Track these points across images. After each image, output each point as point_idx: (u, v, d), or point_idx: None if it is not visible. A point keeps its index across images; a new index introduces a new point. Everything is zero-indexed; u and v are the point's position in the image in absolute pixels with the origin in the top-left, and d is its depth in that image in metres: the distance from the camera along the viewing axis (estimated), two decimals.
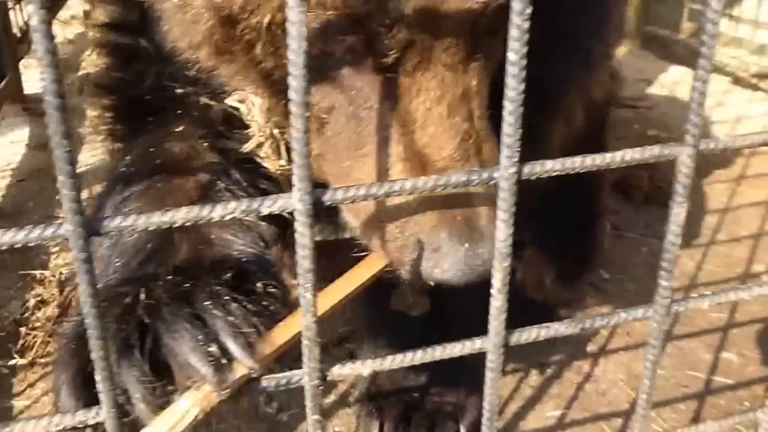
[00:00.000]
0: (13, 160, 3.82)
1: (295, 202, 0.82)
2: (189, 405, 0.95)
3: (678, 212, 0.98)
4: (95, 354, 0.76)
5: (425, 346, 1.02)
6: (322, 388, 0.95)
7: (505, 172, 0.89)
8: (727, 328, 2.64)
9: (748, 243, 3.17)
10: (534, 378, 2.44)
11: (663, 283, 1.04)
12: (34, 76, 4.73)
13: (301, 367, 0.93)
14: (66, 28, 5.97)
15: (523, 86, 0.84)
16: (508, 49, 0.82)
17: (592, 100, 2.14)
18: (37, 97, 4.43)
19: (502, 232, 0.92)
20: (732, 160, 3.83)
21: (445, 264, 1.27)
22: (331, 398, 2.32)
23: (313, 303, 0.88)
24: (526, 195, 2.21)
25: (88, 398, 1.17)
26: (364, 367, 0.99)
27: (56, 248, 2.91)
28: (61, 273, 2.71)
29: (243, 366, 1.09)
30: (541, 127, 1.96)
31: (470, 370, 2.17)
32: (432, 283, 1.32)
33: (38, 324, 2.54)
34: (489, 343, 1.00)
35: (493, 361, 1.01)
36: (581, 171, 0.95)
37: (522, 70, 0.82)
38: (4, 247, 0.73)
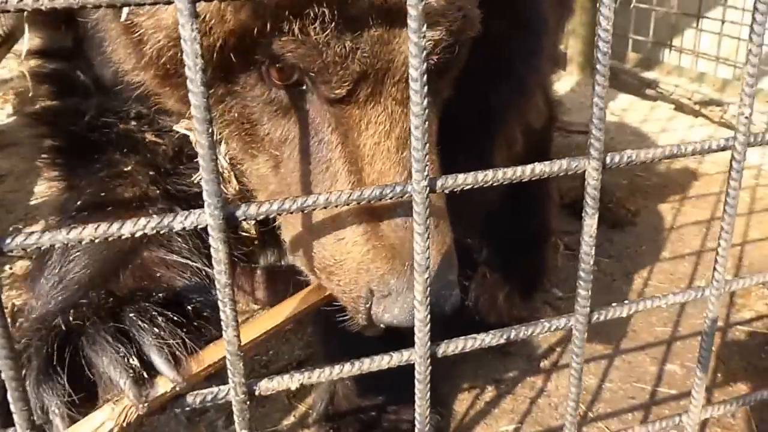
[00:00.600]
0: None
1: (207, 217, 0.80)
2: (104, 418, 0.91)
3: (590, 223, 0.97)
4: (5, 373, 0.74)
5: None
6: (248, 402, 0.92)
7: (417, 186, 0.88)
8: (671, 341, 2.64)
9: (691, 259, 3.19)
10: (489, 394, 2.42)
11: (582, 293, 1.03)
12: None
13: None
14: (22, 62, 5.90)
15: (426, 101, 0.83)
16: (409, 66, 0.81)
17: (530, 126, 2.15)
18: None
19: (419, 245, 0.91)
20: (676, 182, 3.87)
21: (395, 309, 1.27)
22: (290, 419, 2.28)
23: (234, 318, 0.86)
24: (474, 215, 2.22)
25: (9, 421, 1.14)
26: (292, 382, 0.97)
27: (9, 279, 2.85)
28: (13, 304, 2.65)
29: (167, 381, 1.06)
30: (485, 150, 1.96)
31: None
32: (383, 326, 1.31)
33: None
34: (416, 355, 0.99)
35: (420, 372, 1.00)
36: (494, 184, 0.93)
37: (424, 87, 0.82)
38: None
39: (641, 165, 3.78)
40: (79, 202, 1.70)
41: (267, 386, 0.94)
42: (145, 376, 1.08)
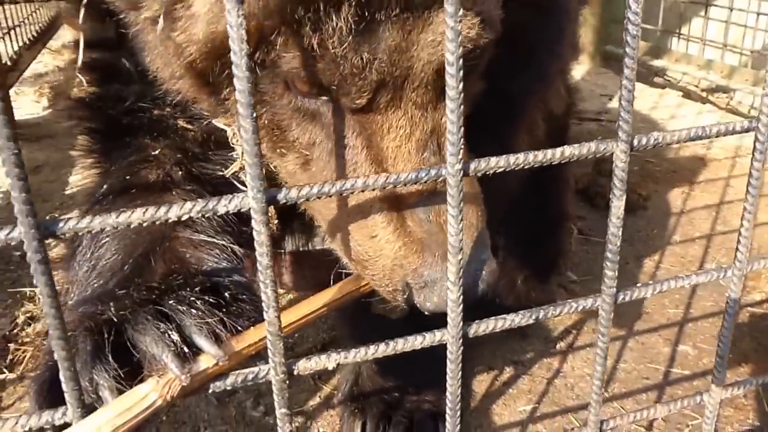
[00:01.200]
0: (5, 182, 3.77)
1: (249, 200, 0.80)
2: (149, 390, 0.91)
3: (617, 205, 0.96)
4: (58, 354, 0.74)
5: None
6: (287, 382, 0.93)
7: (451, 169, 0.88)
8: (683, 322, 2.63)
9: (701, 243, 3.17)
10: (507, 375, 2.42)
11: (608, 273, 1.03)
12: (24, 103, 4.78)
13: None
14: (56, 57, 5.98)
15: (461, 86, 0.82)
16: (446, 50, 0.81)
17: (551, 112, 2.14)
18: (27, 123, 4.47)
19: (453, 227, 0.90)
20: (686, 168, 3.85)
21: (434, 298, 1.28)
22: (316, 400, 2.28)
23: (275, 299, 0.86)
24: (496, 201, 2.22)
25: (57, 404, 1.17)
26: (329, 361, 0.97)
27: None
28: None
29: (209, 358, 1.06)
30: (507, 138, 1.96)
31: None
32: (427, 313, 1.33)
33: (27, 339, 2.51)
34: (448, 335, 0.99)
35: (452, 352, 1.00)
36: (525, 167, 0.93)
37: (459, 71, 0.81)
38: None
39: (651, 152, 3.75)
40: (105, 186, 1.71)
41: (305, 366, 0.94)
42: (187, 352, 1.10)
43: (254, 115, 0.76)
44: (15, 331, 2.57)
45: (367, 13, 1.13)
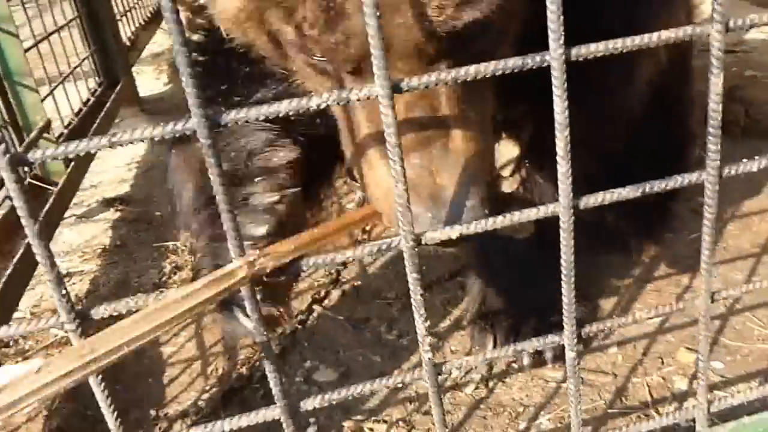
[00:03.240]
0: (138, 153, 4.22)
1: (378, 89, 0.98)
2: (237, 265, 1.04)
3: (716, 82, 1.09)
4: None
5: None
6: (416, 249, 1.10)
7: (554, 54, 1.02)
8: None
9: None
10: (633, 293, 2.55)
11: (712, 147, 1.15)
12: (145, 81, 5.25)
13: None
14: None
15: None
16: None
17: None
18: (151, 98, 4.94)
19: (559, 106, 1.05)
20: None
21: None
22: (446, 323, 2.48)
23: (403, 174, 1.04)
24: (618, 124, 2.31)
25: None
26: (452, 231, 1.14)
27: None
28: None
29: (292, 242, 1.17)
30: (630, 67, 2.07)
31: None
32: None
33: (175, 286, 2.87)
34: (560, 206, 1.14)
35: (565, 222, 1.14)
36: (623, 50, 1.05)
37: None
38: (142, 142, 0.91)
39: None
40: None
41: (432, 236, 1.12)
42: None
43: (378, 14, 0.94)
44: (163, 279, 2.95)
45: (332, 4, 1.30)
